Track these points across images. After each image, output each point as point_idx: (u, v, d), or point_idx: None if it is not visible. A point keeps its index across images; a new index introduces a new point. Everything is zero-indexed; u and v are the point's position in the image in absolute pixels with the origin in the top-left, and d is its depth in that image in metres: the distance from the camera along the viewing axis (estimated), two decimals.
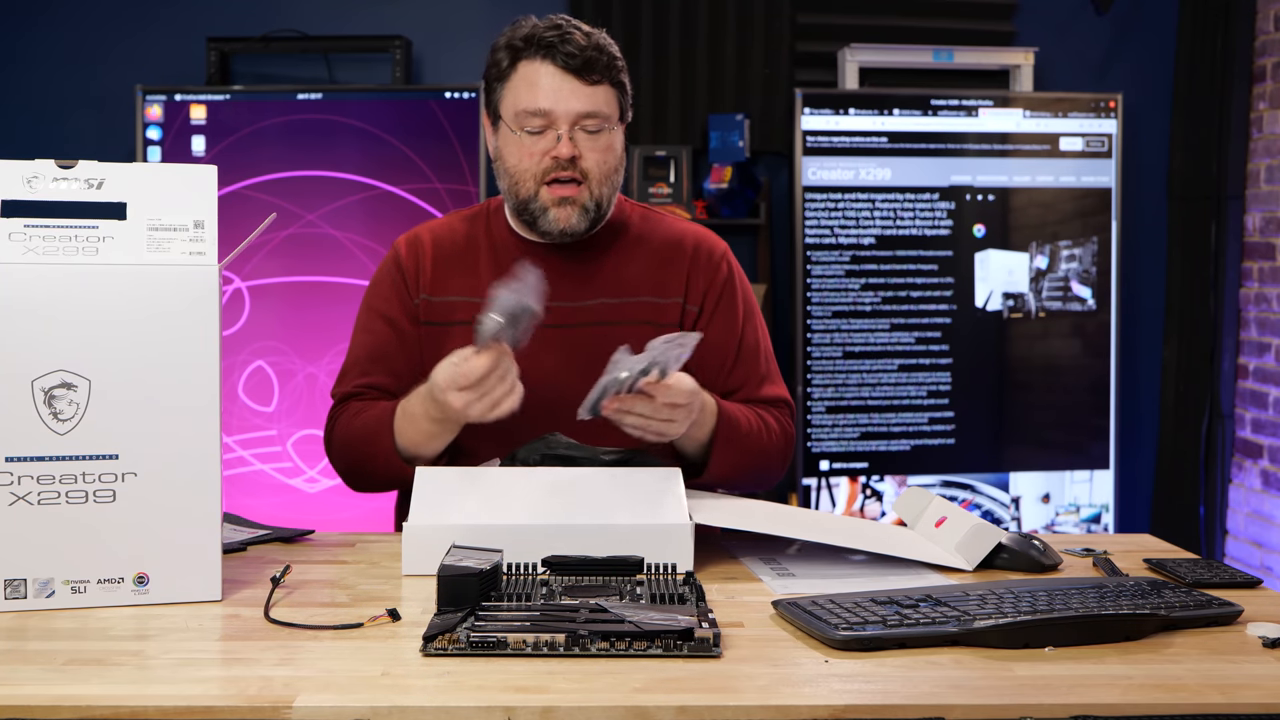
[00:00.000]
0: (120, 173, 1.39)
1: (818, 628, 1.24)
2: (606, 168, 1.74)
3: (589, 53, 1.70)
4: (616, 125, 1.75)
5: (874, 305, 3.80)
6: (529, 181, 1.73)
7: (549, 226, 1.74)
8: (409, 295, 1.83)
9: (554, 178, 1.72)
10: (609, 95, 1.73)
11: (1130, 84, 4.04)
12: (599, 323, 1.78)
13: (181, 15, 3.90)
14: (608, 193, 1.76)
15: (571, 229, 1.74)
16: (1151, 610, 1.30)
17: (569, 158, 1.71)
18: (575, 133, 1.71)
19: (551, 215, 1.73)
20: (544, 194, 1.73)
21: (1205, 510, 4.05)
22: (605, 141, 1.73)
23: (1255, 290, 3.99)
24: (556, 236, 1.76)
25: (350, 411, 1.79)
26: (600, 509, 1.53)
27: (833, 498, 3.80)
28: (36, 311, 1.32)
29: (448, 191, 3.65)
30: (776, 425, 1.81)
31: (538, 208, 1.74)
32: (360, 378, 1.82)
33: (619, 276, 1.81)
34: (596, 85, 1.71)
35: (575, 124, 1.71)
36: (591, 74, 1.70)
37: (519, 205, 1.76)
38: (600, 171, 1.73)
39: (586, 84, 1.70)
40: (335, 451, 1.81)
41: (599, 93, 1.71)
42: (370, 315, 1.86)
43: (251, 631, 1.28)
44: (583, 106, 1.70)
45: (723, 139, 3.82)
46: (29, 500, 1.32)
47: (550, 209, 1.73)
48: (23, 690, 1.09)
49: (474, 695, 1.08)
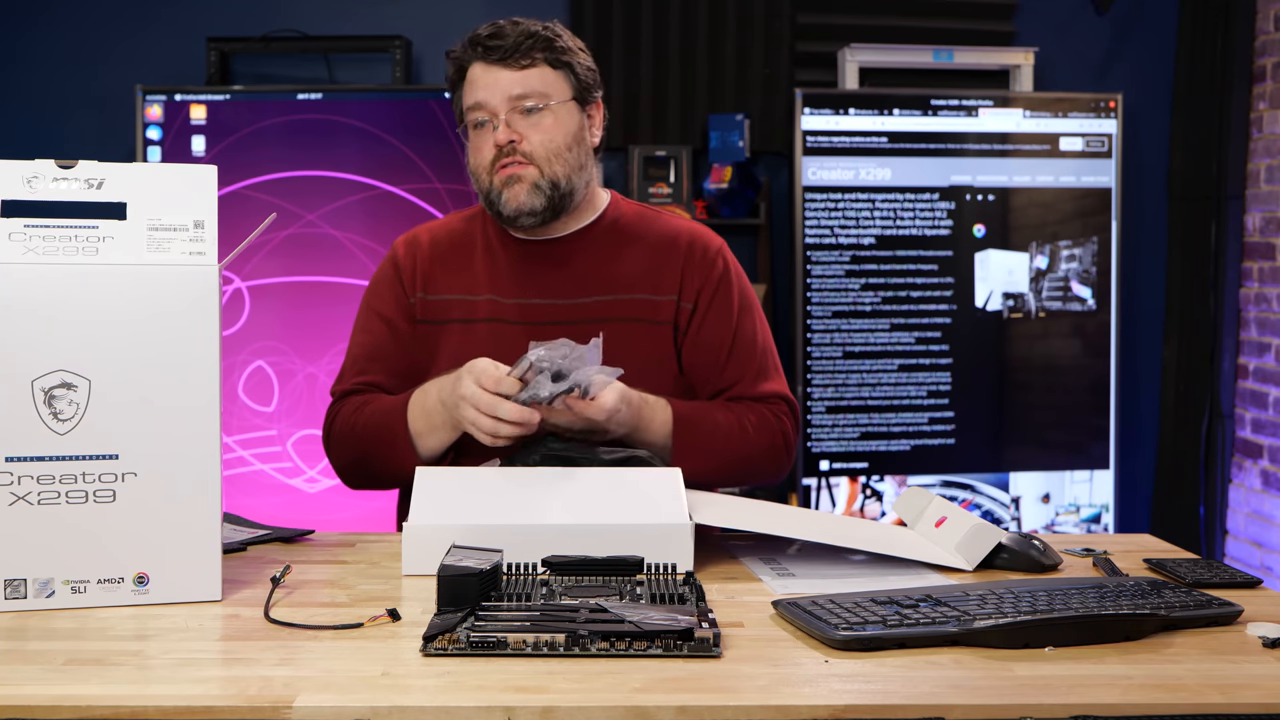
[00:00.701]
0: (120, 173, 1.39)
1: (818, 628, 1.24)
2: (553, 145, 1.75)
3: (513, 39, 1.74)
4: (562, 103, 1.76)
5: (874, 305, 3.80)
6: (483, 175, 1.77)
7: (505, 210, 1.76)
8: (405, 295, 1.84)
9: (502, 163, 1.75)
10: (546, 75, 1.75)
11: (1130, 84, 4.04)
12: (595, 320, 1.78)
13: (181, 15, 3.90)
14: (562, 170, 1.76)
15: (524, 207, 1.75)
16: (1151, 610, 1.30)
17: (508, 141, 1.73)
18: (511, 117, 1.74)
19: (505, 198, 1.75)
20: (495, 180, 1.76)
21: (1205, 510, 4.05)
22: (548, 120, 1.75)
23: (1255, 290, 3.99)
24: (516, 219, 1.76)
25: (351, 405, 1.80)
26: (600, 509, 1.53)
27: (833, 498, 3.80)
28: (36, 311, 1.32)
29: (448, 191, 3.65)
30: (758, 420, 1.79)
31: (494, 195, 1.76)
32: (358, 376, 1.83)
33: (614, 274, 1.81)
34: (527, 69, 1.74)
35: (511, 109, 1.74)
36: (520, 59, 1.74)
37: (485, 201, 1.79)
38: (546, 150, 1.75)
39: (515, 69, 1.74)
40: (336, 445, 1.82)
41: (531, 75, 1.74)
42: (368, 315, 1.87)
43: (251, 631, 1.28)
44: (512, 89, 1.73)
45: (723, 139, 3.82)
46: (29, 500, 1.32)
47: (502, 192, 1.75)
48: (23, 690, 1.09)
49: (474, 695, 1.08)
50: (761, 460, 1.81)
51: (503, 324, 1.78)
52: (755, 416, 1.80)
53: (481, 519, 1.50)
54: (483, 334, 1.79)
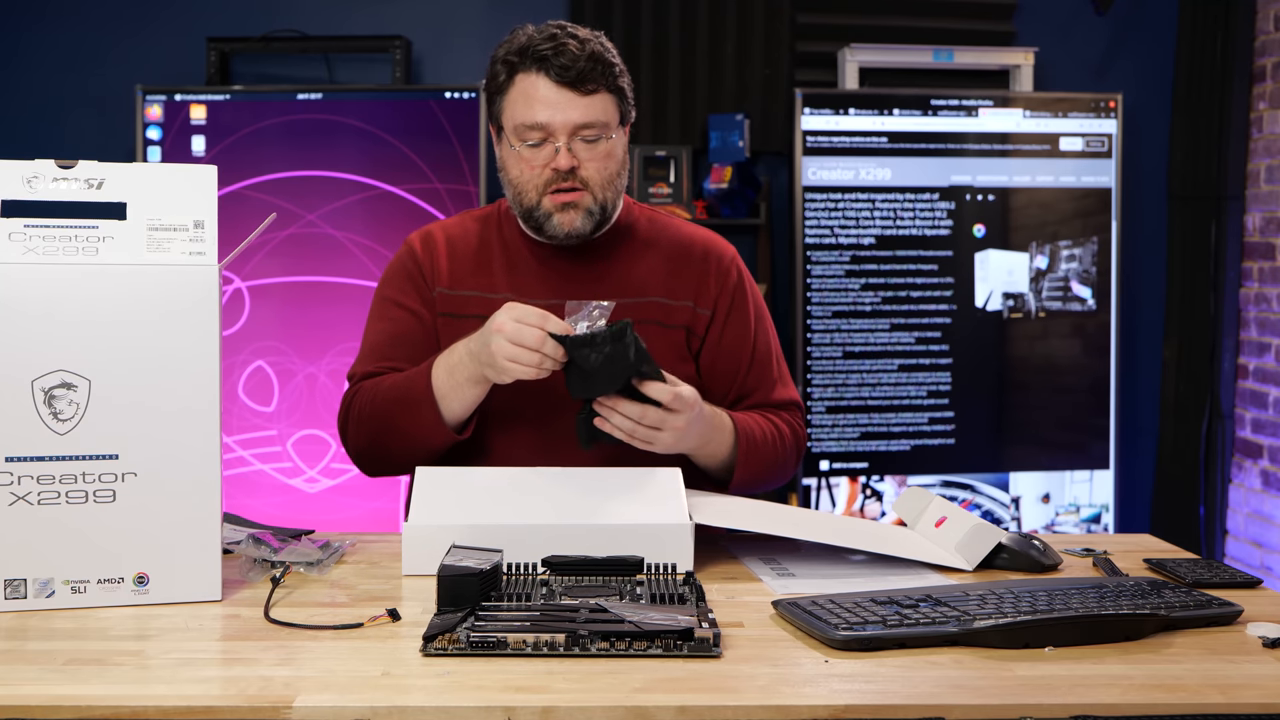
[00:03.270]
0: (120, 173, 1.39)
1: (818, 628, 1.24)
2: (607, 174, 1.76)
3: (582, 63, 1.71)
4: (616, 131, 1.76)
5: (874, 305, 3.80)
6: (531, 192, 1.75)
7: (554, 231, 1.76)
8: (426, 287, 1.83)
9: (556, 188, 1.73)
10: (606, 103, 1.74)
11: (1130, 84, 4.04)
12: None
13: (181, 15, 3.90)
14: (611, 196, 1.78)
15: (576, 231, 1.76)
16: (1151, 610, 1.30)
17: (568, 169, 1.72)
18: (573, 143, 1.72)
19: (555, 220, 1.75)
20: (546, 202, 1.74)
21: (1205, 510, 4.05)
22: (604, 149, 1.74)
23: (1255, 290, 3.99)
24: (563, 240, 1.77)
25: (372, 382, 1.78)
26: (600, 509, 1.53)
27: (833, 498, 3.80)
28: (36, 311, 1.32)
29: (448, 191, 3.65)
30: (788, 430, 1.84)
31: (542, 215, 1.75)
32: (380, 360, 1.81)
33: (628, 277, 1.82)
34: (593, 95, 1.72)
35: (573, 135, 1.72)
36: (587, 84, 1.71)
37: (524, 214, 1.78)
38: (601, 178, 1.75)
39: (582, 95, 1.71)
40: (355, 422, 1.79)
41: (595, 102, 1.72)
42: (385, 305, 1.86)
43: (251, 631, 1.28)
44: (580, 118, 1.71)
45: (723, 139, 3.82)
46: (29, 500, 1.32)
47: (554, 215, 1.75)
48: (23, 690, 1.09)
49: (474, 695, 1.08)
50: (792, 466, 1.86)
51: None
52: (784, 425, 1.84)
53: (481, 519, 1.50)
54: None
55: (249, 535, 1.56)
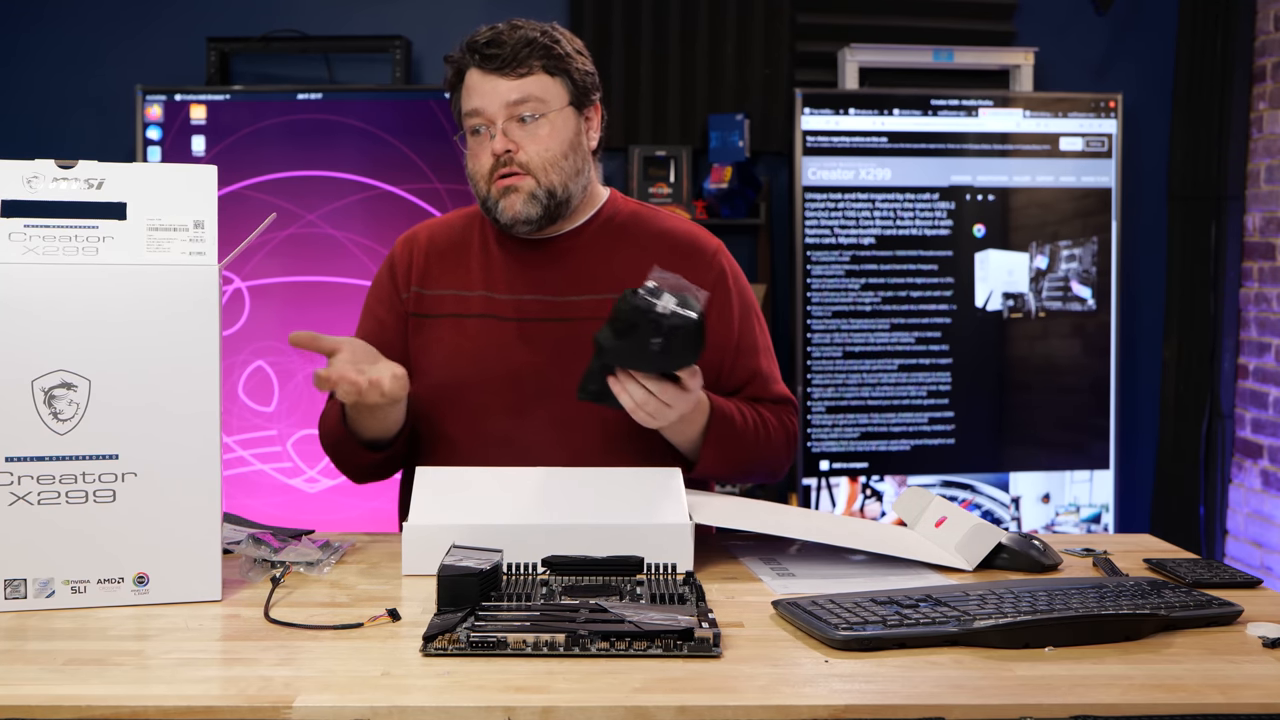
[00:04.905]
0: (120, 173, 1.39)
1: (818, 628, 1.24)
2: (549, 155, 1.75)
3: (511, 48, 1.73)
4: (559, 110, 1.76)
5: (874, 305, 3.80)
6: (481, 182, 1.77)
7: (502, 218, 1.77)
8: (397, 292, 1.86)
9: (499, 174, 1.75)
10: (544, 83, 1.75)
11: (1130, 84, 4.04)
12: (588, 317, 1.78)
13: (181, 15, 3.90)
14: (559, 179, 1.76)
15: (521, 216, 1.76)
16: (1151, 610, 1.30)
17: (504, 151, 1.73)
18: (509, 126, 1.74)
19: (501, 207, 1.76)
20: (493, 190, 1.76)
21: (1205, 510, 4.05)
22: (545, 130, 1.75)
23: (1255, 290, 3.99)
24: (511, 226, 1.77)
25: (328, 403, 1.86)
26: (600, 509, 1.53)
27: (833, 498, 3.80)
28: (36, 311, 1.32)
29: (448, 191, 3.65)
30: (775, 420, 1.82)
31: (491, 204, 1.77)
32: None
33: (608, 271, 1.81)
34: (525, 77, 1.74)
35: (508, 118, 1.73)
36: (518, 68, 1.73)
37: (482, 206, 1.80)
38: (542, 160, 1.75)
39: (513, 78, 1.73)
40: (321, 439, 1.88)
41: (528, 83, 1.74)
42: (365, 313, 1.91)
43: (251, 631, 1.28)
44: (510, 98, 1.73)
45: (723, 139, 3.82)
46: (29, 500, 1.32)
47: (499, 201, 1.76)
48: (23, 690, 1.09)
49: (474, 695, 1.08)
50: (778, 459, 1.84)
51: (495, 320, 1.79)
52: (771, 416, 1.82)
53: (481, 519, 1.50)
54: (474, 329, 1.80)
55: (249, 535, 1.56)
